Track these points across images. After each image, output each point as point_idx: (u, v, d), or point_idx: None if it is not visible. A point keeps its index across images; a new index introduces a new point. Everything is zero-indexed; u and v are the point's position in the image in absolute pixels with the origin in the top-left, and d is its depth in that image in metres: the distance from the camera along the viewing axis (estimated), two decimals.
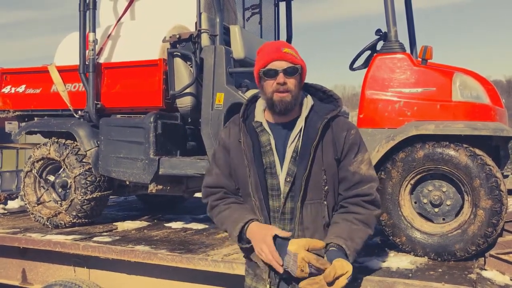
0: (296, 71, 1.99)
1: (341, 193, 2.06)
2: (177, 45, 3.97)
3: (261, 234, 1.95)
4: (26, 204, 4.62)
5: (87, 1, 4.28)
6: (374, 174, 2.09)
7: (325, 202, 2.01)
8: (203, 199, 2.24)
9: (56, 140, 4.44)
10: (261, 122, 2.07)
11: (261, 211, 2.02)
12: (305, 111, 2.05)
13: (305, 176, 1.96)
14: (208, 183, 2.21)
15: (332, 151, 2.02)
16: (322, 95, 2.15)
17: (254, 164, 2.01)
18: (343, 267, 1.83)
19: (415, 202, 3.29)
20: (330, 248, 1.92)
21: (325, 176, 2.00)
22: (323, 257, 1.90)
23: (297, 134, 2.02)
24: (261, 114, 2.09)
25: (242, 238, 2.03)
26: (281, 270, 1.90)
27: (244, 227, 2.01)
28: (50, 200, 4.56)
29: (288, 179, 1.99)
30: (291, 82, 1.98)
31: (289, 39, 5.12)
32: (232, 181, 2.15)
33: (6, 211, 5.49)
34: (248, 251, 2.10)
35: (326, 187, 2.01)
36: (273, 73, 1.97)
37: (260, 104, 2.11)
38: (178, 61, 3.97)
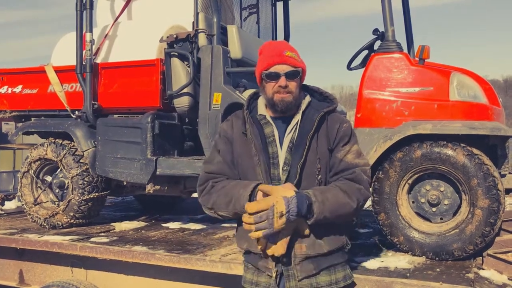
0: (297, 74, 2.07)
1: (329, 180, 2.11)
2: (174, 45, 3.97)
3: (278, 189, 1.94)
4: (23, 204, 4.60)
5: (84, 1, 4.27)
6: (360, 162, 2.10)
7: None
8: (200, 185, 2.18)
9: (53, 140, 4.43)
10: (265, 115, 2.14)
11: None
12: (302, 106, 2.13)
13: (300, 164, 2.02)
14: (210, 170, 2.18)
15: (325, 142, 2.09)
16: (319, 96, 2.21)
17: (262, 152, 2.06)
18: (285, 191, 1.89)
19: (413, 202, 3.29)
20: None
21: (319, 165, 2.06)
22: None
23: (294, 126, 2.10)
24: (264, 108, 2.17)
25: (251, 200, 2.00)
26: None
27: (256, 187, 1.99)
28: (47, 201, 4.54)
29: (285, 168, 2.06)
30: (292, 85, 2.06)
31: (286, 38, 5.12)
32: (234, 170, 2.16)
33: (3, 212, 5.47)
34: (247, 242, 2.11)
35: (320, 176, 2.07)
36: (275, 76, 2.05)
37: (262, 100, 2.18)
38: (175, 61, 3.96)
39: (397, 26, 3.48)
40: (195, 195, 5.17)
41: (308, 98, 2.16)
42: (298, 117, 2.10)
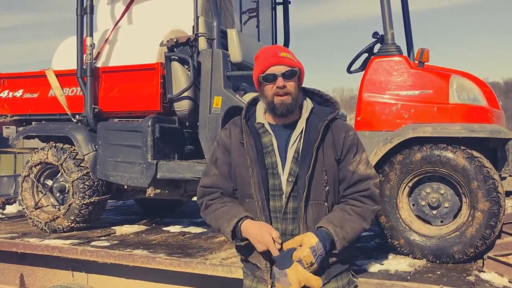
0: (295, 74, 2.04)
1: (341, 192, 2.10)
2: (175, 49, 3.98)
3: (257, 230, 1.98)
4: (24, 209, 4.61)
5: (84, 5, 4.28)
6: (372, 172, 2.11)
7: (326, 204, 2.04)
8: (198, 199, 2.23)
9: (54, 144, 4.43)
10: (263, 124, 2.10)
11: (263, 211, 2.03)
12: (305, 113, 2.09)
13: (308, 176, 1.99)
14: (204, 184, 2.21)
15: (332, 152, 2.05)
16: (320, 99, 2.19)
17: (257, 164, 2.03)
18: (309, 241, 1.92)
19: (413, 205, 3.29)
20: (317, 229, 1.97)
21: (326, 177, 2.03)
22: None
23: (299, 135, 2.05)
24: (262, 116, 2.13)
25: (235, 235, 2.04)
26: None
27: (238, 223, 2.02)
28: (48, 205, 4.55)
29: (290, 179, 2.02)
30: (291, 85, 2.03)
31: (286, 42, 5.13)
32: (229, 182, 2.16)
33: (4, 216, 5.47)
34: (245, 251, 2.11)
35: (327, 188, 2.04)
36: (272, 78, 2.02)
37: (261, 106, 2.15)
38: (175, 65, 3.97)
39: (396, 29, 3.49)
40: (195, 198, 5.15)
41: (310, 104, 2.12)
42: (302, 125, 2.06)
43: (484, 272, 2.92)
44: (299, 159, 2.01)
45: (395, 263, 3.09)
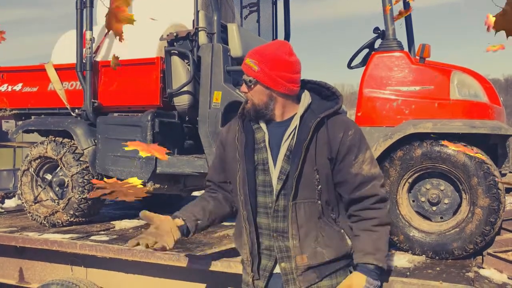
0: (248, 83, 2.07)
1: (345, 196, 2.06)
2: (175, 43, 3.96)
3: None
4: (23, 203, 4.60)
5: None
6: (376, 172, 2.07)
7: (319, 202, 2.01)
8: None
9: (53, 138, 4.42)
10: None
11: (245, 205, 2.06)
12: (301, 109, 2.06)
13: (296, 175, 1.97)
14: (207, 177, 2.39)
15: (326, 151, 2.01)
16: (327, 92, 2.15)
17: (244, 159, 2.05)
18: (359, 284, 1.98)
19: (413, 201, 3.28)
20: (358, 266, 2.02)
21: (318, 176, 1.99)
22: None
23: (291, 132, 2.03)
24: None
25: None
26: None
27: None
28: (47, 199, 4.54)
29: (281, 177, 2.00)
30: (251, 93, 2.07)
31: (287, 37, 5.11)
32: (221, 175, 2.25)
33: (3, 210, 5.47)
34: (236, 244, 2.20)
35: (319, 187, 2.00)
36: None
37: None
38: (175, 59, 3.96)
39: (397, 25, 3.48)
40: (195, 193, 5.16)
41: (308, 99, 2.07)
42: (296, 122, 2.02)
43: (483, 268, 2.92)
44: (290, 157, 1.99)
45: (395, 259, 3.09)
